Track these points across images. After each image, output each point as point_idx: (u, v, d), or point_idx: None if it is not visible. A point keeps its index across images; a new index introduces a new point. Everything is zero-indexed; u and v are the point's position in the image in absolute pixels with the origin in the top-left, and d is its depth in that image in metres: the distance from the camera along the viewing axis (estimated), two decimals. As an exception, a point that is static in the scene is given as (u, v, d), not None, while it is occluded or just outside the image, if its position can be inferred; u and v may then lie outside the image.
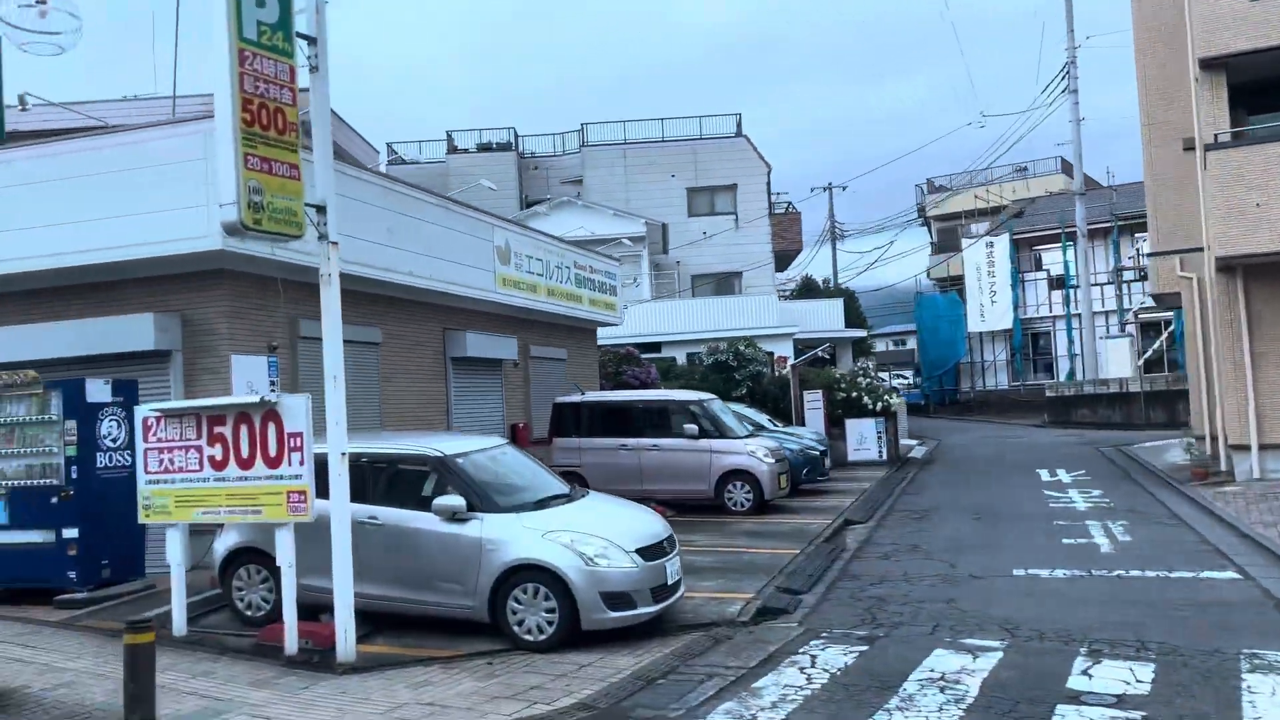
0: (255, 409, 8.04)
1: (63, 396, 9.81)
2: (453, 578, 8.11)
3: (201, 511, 8.29)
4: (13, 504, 9.89)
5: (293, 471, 7.85)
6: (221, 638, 8.49)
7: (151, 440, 8.54)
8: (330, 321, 7.87)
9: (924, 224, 59.53)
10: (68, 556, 9.66)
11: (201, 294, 11.52)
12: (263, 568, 8.76)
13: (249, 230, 7.10)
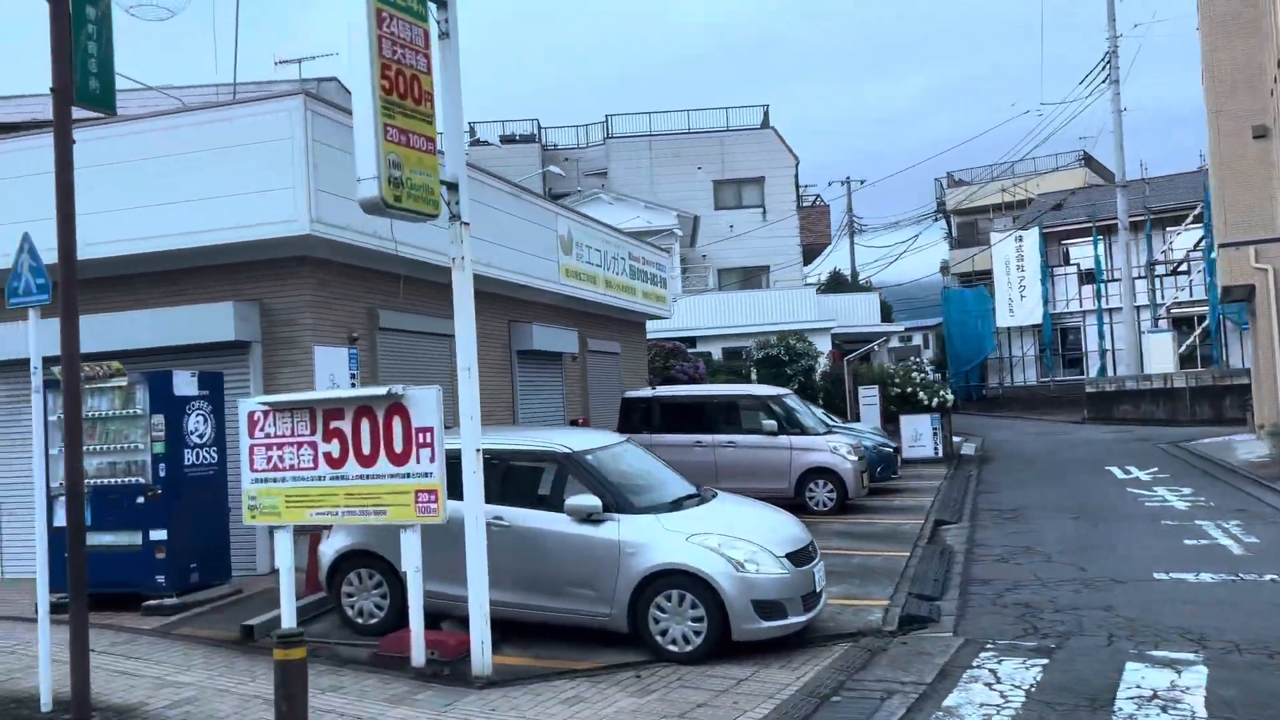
0: (379, 402, 7.47)
1: (149, 389, 9.25)
2: (586, 583, 7.54)
3: (316, 512, 7.73)
4: (95, 504, 9.31)
5: (422, 469, 7.28)
6: (334, 647, 7.93)
7: (258, 436, 7.97)
8: (463, 309, 7.30)
9: (941, 219, 58.98)
10: (155, 559, 9.11)
11: (283, 282, 10.96)
12: (375, 572, 8.20)
13: (390, 208, 6.52)
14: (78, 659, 6.30)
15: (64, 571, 9.40)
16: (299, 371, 10.80)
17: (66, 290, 6.51)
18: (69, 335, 6.51)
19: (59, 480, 9.35)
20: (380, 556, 8.15)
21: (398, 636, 7.64)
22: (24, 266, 6.65)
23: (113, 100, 6.82)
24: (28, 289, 6.67)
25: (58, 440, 9.38)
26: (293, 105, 10.19)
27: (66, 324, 6.49)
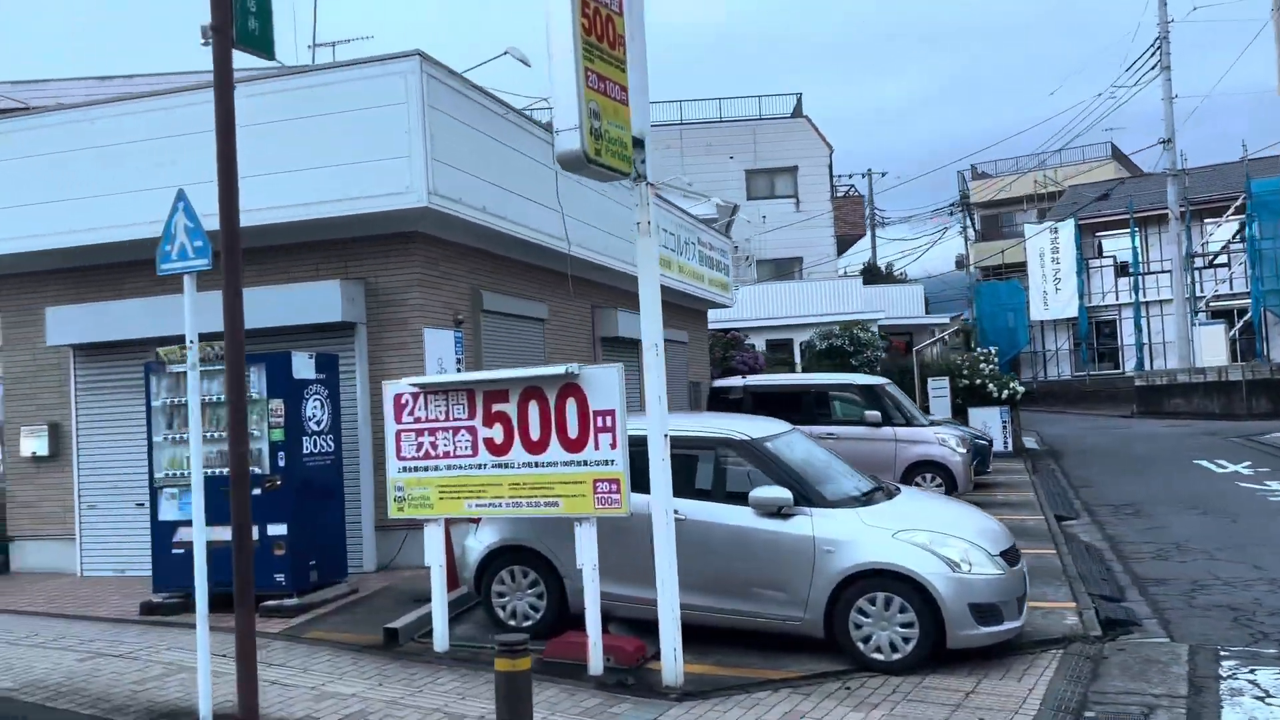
0: (551, 383, 6.77)
1: (266, 372, 8.54)
2: (776, 584, 6.84)
3: (475, 504, 7.04)
4: (208, 495, 8.60)
5: (601, 456, 6.58)
6: (489, 651, 7.19)
7: (406, 420, 7.27)
8: (648, 280, 6.58)
9: (958, 212, 58.30)
10: (274, 556, 8.41)
11: (391, 260, 10.26)
12: (530, 569, 7.50)
13: (590, 163, 5.81)
14: (244, 671, 5.61)
15: (172, 569, 8.76)
16: (407, 355, 10.11)
17: (229, 256, 5.80)
18: (233, 307, 5.83)
19: (162, 470, 8.69)
20: (537, 552, 7.46)
21: (565, 641, 6.95)
22: (178, 228, 5.96)
23: (272, 44, 6.11)
24: (183, 253, 5.95)
25: (161, 427, 8.71)
26: (408, 67, 9.48)
27: (230, 292, 5.79)
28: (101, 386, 11.01)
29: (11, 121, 10.91)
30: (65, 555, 11.16)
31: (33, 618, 8.84)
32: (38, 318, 11.35)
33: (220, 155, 5.91)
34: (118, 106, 10.45)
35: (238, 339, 5.81)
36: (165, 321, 10.21)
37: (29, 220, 10.53)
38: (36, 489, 11.31)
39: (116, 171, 10.21)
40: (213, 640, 7.34)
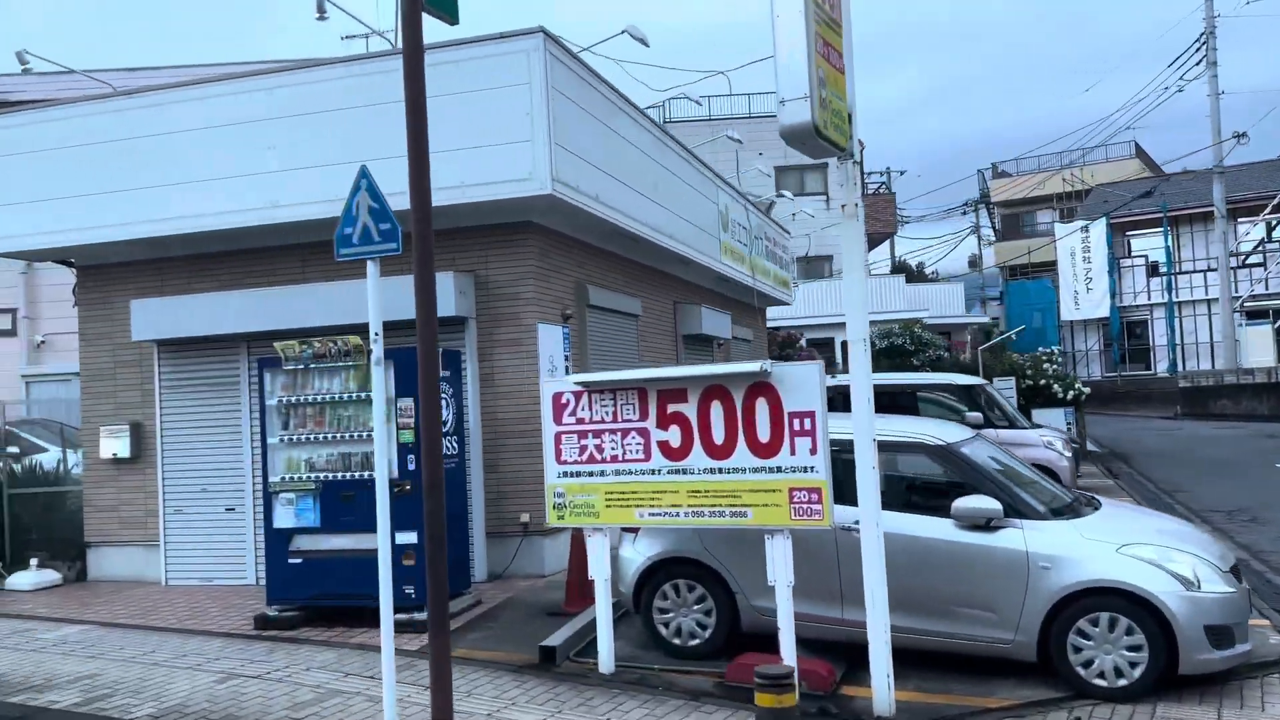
0: (737, 381, 6.19)
1: (395, 369, 7.93)
2: (982, 603, 6.26)
3: (648, 512, 6.46)
4: (325, 502, 8.05)
5: (800, 462, 6.00)
6: (658, 674, 6.64)
7: (567, 421, 6.70)
8: (854, 267, 6.00)
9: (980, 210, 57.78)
10: (403, 567, 7.81)
11: (503, 251, 9.69)
12: (697, 584, 6.92)
13: (819, 137, 5.23)
14: (440, 701, 5.03)
15: (289, 580, 8.19)
16: (519, 351, 9.55)
17: (421, 240, 5.23)
18: (425, 297, 5.24)
19: (278, 474, 8.13)
20: (705, 565, 6.88)
21: (746, 664, 6.36)
22: (360, 208, 5.37)
23: (456, 7, 5.53)
24: (366, 236, 5.36)
25: (276, 428, 8.13)
26: (530, 45, 8.91)
27: (422, 281, 5.21)
28: (188, 384, 10.43)
29: (94, 105, 10.32)
30: (146, 563, 10.58)
31: (133, 631, 8.27)
32: (117, 311, 10.78)
33: (410, 128, 5.37)
34: (210, 88, 9.87)
35: (430, 331, 5.24)
36: (263, 315, 9.69)
37: (112, 209, 9.96)
38: (116, 492, 10.73)
39: (209, 156, 9.64)
40: (349, 659, 6.78)
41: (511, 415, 9.54)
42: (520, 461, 9.49)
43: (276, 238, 10.03)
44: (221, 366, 10.28)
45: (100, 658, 7.34)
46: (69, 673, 6.93)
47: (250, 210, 9.55)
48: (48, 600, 9.82)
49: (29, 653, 7.60)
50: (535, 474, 9.43)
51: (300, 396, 8.15)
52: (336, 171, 9.21)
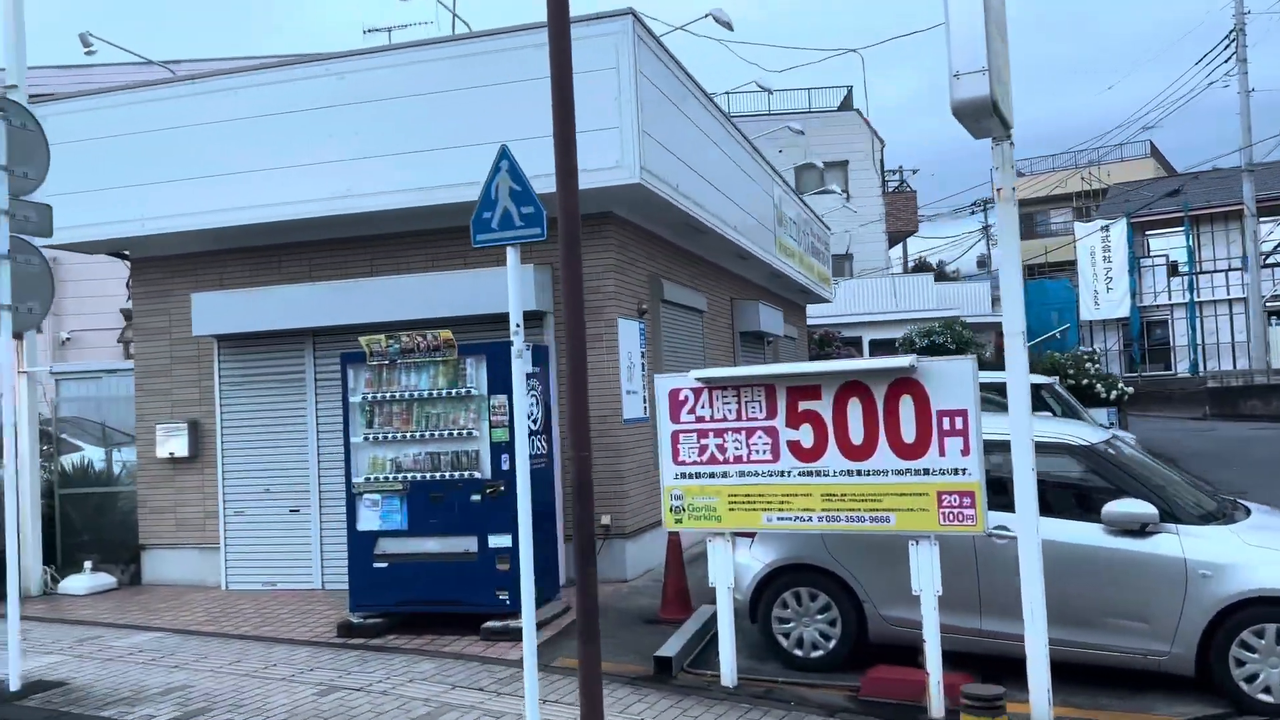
0: (877, 378, 5.84)
1: (488, 364, 7.60)
2: (1135, 613, 5.90)
3: (777, 516, 6.09)
4: (413, 504, 7.69)
5: (949, 464, 5.65)
6: (783, 687, 6.28)
7: (685, 419, 6.34)
8: (1010, 252, 5.63)
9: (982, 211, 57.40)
10: (497, 572, 7.46)
11: (585, 243, 9.21)
12: (821, 592, 6.56)
13: (996, 114, 4.87)
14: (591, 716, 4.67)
15: (373, 586, 7.82)
16: (600, 346, 9.20)
17: (568, 221, 4.87)
18: (573, 286, 4.87)
19: (362, 474, 7.78)
20: (829, 572, 6.52)
21: (885, 678, 6.01)
22: (500, 191, 5.00)
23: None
24: (507, 221, 5.00)
25: (360, 426, 7.78)
26: (619, 28, 8.56)
27: (570, 271, 4.85)
28: (249, 381, 10.07)
29: (154, 91, 9.95)
30: (205, 566, 10.22)
31: (210, 639, 7.91)
32: (173, 305, 10.42)
33: (556, 106, 4.97)
34: (279, 72, 9.51)
35: (578, 320, 4.87)
36: (336, 309, 9.34)
37: (172, 199, 9.61)
38: (173, 493, 10.37)
39: (277, 144, 9.28)
40: (451, 670, 6.39)
41: (591, 413, 9.15)
42: (599, 461, 9.12)
43: (346, 229, 9.68)
44: (286, 363, 9.92)
45: (184, 668, 6.97)
46: (157, 684, 6.57)
47: (321, 200, 9.19)
48: (105, 605, 9.46)
49: (105, 662, 7.24)
50: (614, 474, 9.09)
51: (385, 393, 7.79)
52: (411, 160, 8.90)
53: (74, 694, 6.41)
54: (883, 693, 5.93)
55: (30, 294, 6.80)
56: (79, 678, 6.81)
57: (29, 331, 10.31)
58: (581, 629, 4.84)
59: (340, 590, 9.51)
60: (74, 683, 6.68)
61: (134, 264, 10.68)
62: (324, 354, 9.80)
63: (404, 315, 9.06)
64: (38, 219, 6.90)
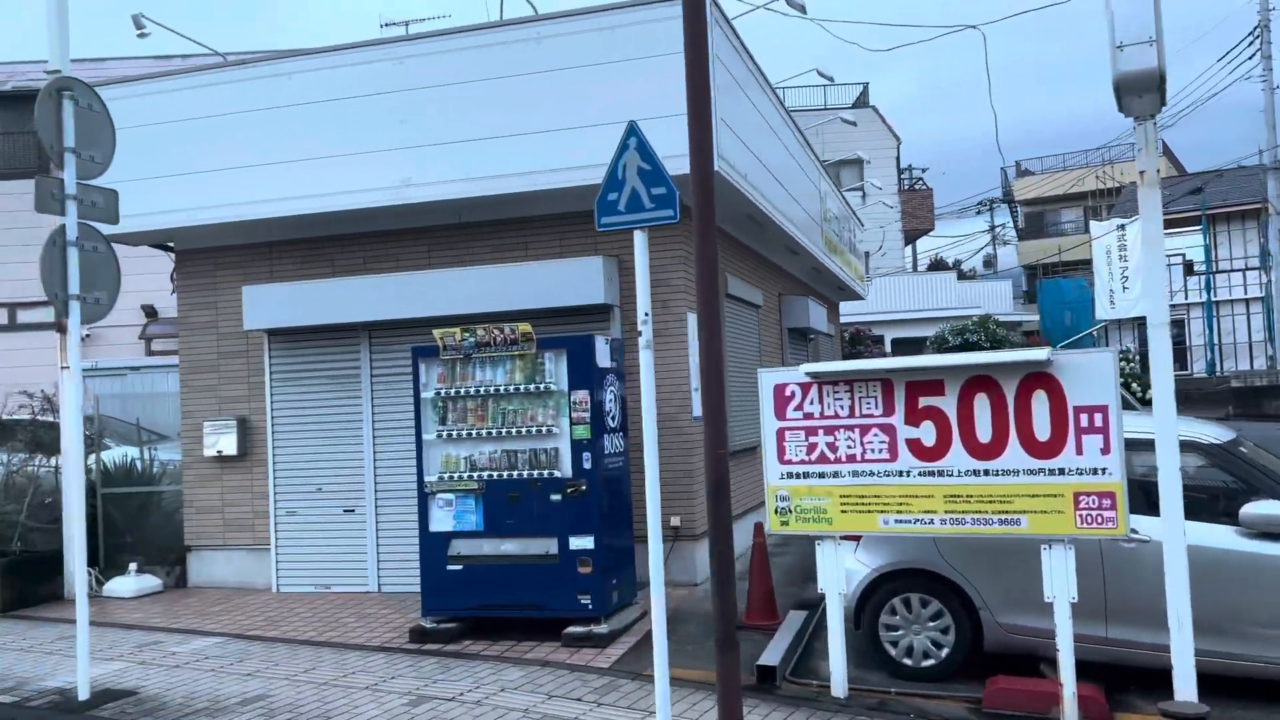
0: (1008, 372, 5.52)
1: (569, 359, 7.28)
2: (1276, 619, 5.59)
3: (894, 518, 5.78)
4: (489, 503, 7.37)
5: (1088, 463, 5.33)
6: (897, 698, 5.96)
7: (792, 416, 6.03)
8: (1153, 242, 5.32)
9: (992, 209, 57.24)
10: (579, 575, 7.14)
11: (651, 234, 8.90)
12: (932, 598, 6.24)
13: (1160, 87, 4.56)
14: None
15: (447, 589, 7.50)
16: (669, 341, 8.87)
17: (702, 200, 4.56)
18: (707, 276, 4.56)
19: (434, 473, 7.45)
20: (941, 577, 6.20)
21: (1006, 689, 5.69)
22: (628, 171, 4.70)
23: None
24: (635, 203, 4.68)
25: (432, 423, 7.47)
26: (693, 9, 8.19)
27: (704, 257, 4.54)
28: (301, 376, 9.74)
29: (198, 76, 9.62)
30: (254, 568, 9.89)
31: (276, 644, 7.59)
32: (221, 299, 10.10)
33: (690, 80, 4.66)
34: (334, 56, 9.17)
35: (713, 307, 4.56)
36: (391, 303, 9.03)
37: (221, 188, 9.27)
38: (221, 493, 10.04)
39: (334, 132, 8.95)
40: (541, 679, 6.02)
41: (657, 411, 8.82)
42: (667, 461, 8.78)
43: (403, 220, 9.35)
44: (340, 358, 9.59)
45: (257, 675, 6.65)
46: (232, 693, 6.25)
47: (378, 190, 8.86)
48: (155, 608, 9.14)
49: (172, 670, 6.92)
50: (683, 474, 8.77)
51: (459, 388, 7.46)
52: (474, 149, 8.60)
53: (146, 704, 6.09)
54: (1008, 704, 5.63)
55: (97, 284, 6.47)
56: (148, 686, 6.49)
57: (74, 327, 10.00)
58: (721, 637, 4.53)
59: (397, 594, 9.21)
60: (144, 691, 6.36)
61: (179, 256, 10.35)
62: (380, 349, 9.47)
63: (465, 309, 8.74)
64: (104, 205, 6.58)
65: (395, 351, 9.39)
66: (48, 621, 8.81)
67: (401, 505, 9.29)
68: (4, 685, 6.64)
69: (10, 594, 9.31)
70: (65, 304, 6.27)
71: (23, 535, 9.73)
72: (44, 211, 6.22)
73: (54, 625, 8.63)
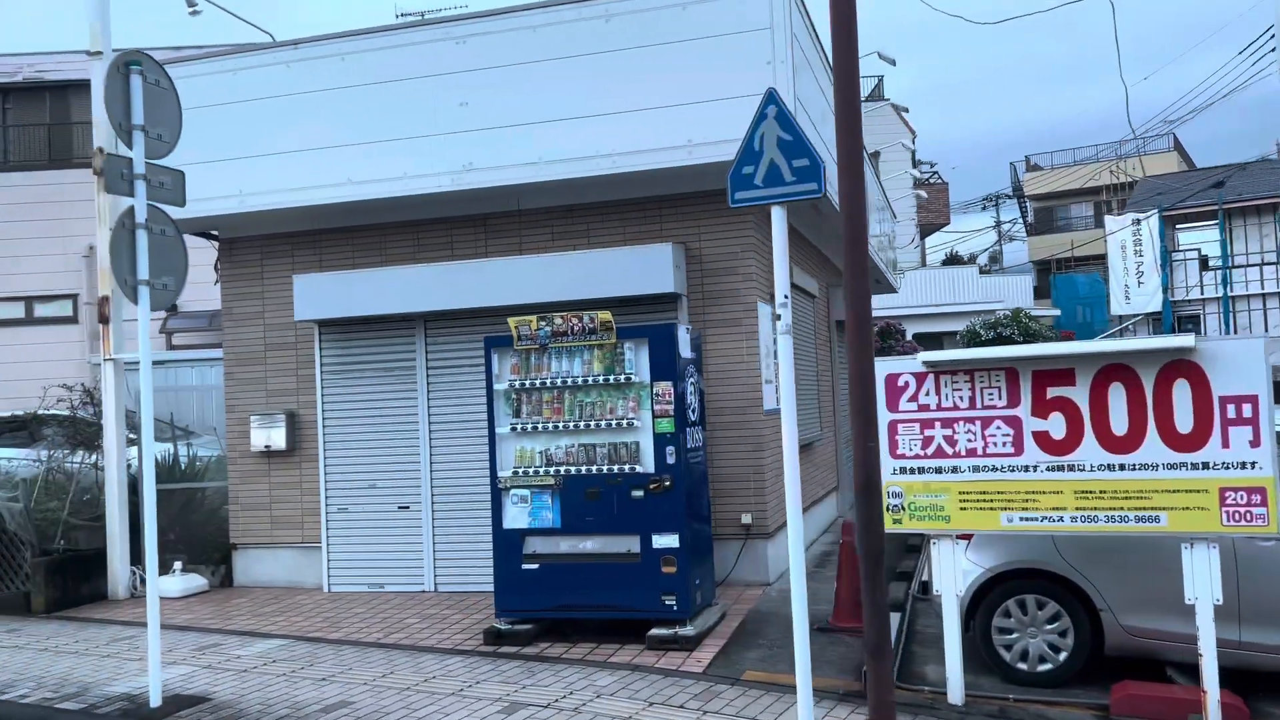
0: (1144, 360, 5.21)
1: (650, 349, 6.96)
2: None
3: (1019, 515, 5.46)
4: (567, 500, 7.05)
5: (1236, 456, 5.02)
6: (1015, 705, 5.64)
7: (905, 407, 5.71)
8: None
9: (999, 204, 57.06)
10: (662, 575, 6.82)
11: (718, 220, 8.68)
12: (1049, 599, 5.92)
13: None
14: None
15: (522, 589, 7.19)
16: (738, 332, 8.57)
17: (851, 174, 4.24)
18: (857, 260, 4.24)
19: (508, 468, 7.14)
20: (1059, 578, 5.90)
21: (1137, 695, 5.38)
22: (765, 141, 4.37)
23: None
24: (774, 176, 4.36)
25: (505, 415, 7.16)
26: (774, -16, 7.90)
27: (854, 239, 4.22)
28: (354, 368, 9.41)
29: (247, 58, 9.31)
30: (303, 566, 9.58)
31: (343, 647, 7.27)
32: (270, 288, 9.78)
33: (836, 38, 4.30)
34: (394, 36, 8.85)
35: (863, 293, 4.24)
36: (449, 292, 8.71)
37: (271, 174, 8.96)
38: (268, 489, 9.72)
39: (391, 115, 8.63)
40: (635, 684, 5.67)
41: (727, 404, 8.53)
42: (737, 456, 8.50)
43: (459, 207, 9.04)
44: (394, 349, 9.27)
45: (332, 680, 6.34)
46: (310, 699, 5.93)
47: (435, 175, 8.54)
48: (204, 609, 8.83)
49: (240, 674, 6.60)
50: (755, 469, 8.47)
51: (534, 380, 7.14)
52: (537, 132, 8.28)
53: (223, 711, 5.77)
54: (1140, 712, 5.32)
55: (166, 268, 6.15)
56: (220, 691, 6.18)
57: (117, 316, 9.68)
58: (873, 644, 4.21)
59: (455, 593, 8.90)
60: (217, 697, 6.05)
61: (224, 245, 10.02)
62: (436, 340, 9.15)
63: (527, 299, 8.43)
64: (171, 186, 6.26)
65: (452, 342, 9.07)
66: (96, 622, 8.49)
67: (459, 502, 8.98)
68: (67, 691, 6.33)
69: (54, 594, 9.00)
70: (134, 289, 5.94)
71: (65, 533, 9.40)
72: (114, 192, 5.90)
73: (103, 626, 8.32)
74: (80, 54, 21.12)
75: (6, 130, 21.39)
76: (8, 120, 21.40)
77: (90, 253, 20.39)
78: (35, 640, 7.88)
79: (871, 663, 4.27)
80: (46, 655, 7.35)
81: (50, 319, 21.20)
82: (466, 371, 8.98)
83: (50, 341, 20.79)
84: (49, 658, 7.28)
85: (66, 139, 21.10)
